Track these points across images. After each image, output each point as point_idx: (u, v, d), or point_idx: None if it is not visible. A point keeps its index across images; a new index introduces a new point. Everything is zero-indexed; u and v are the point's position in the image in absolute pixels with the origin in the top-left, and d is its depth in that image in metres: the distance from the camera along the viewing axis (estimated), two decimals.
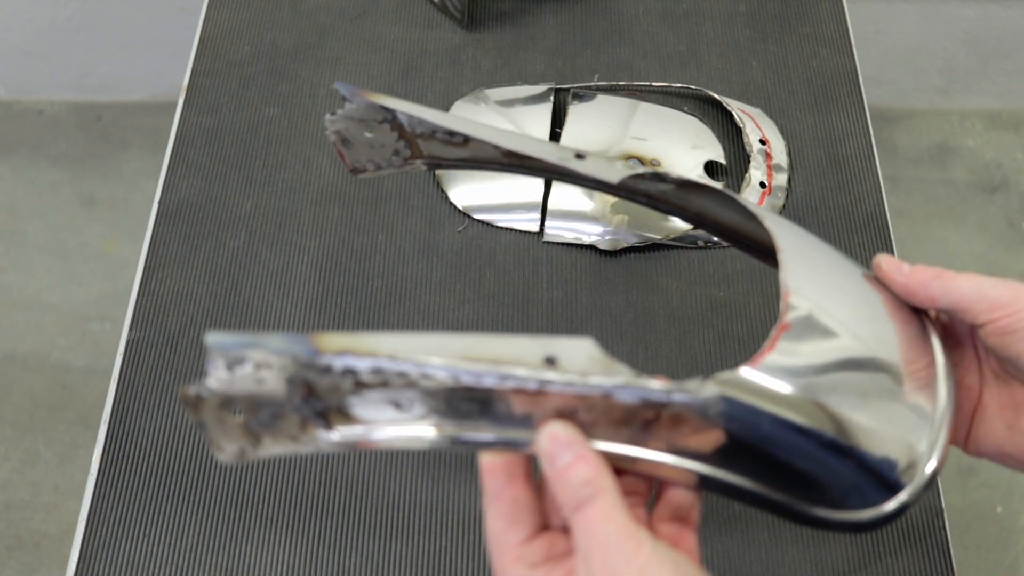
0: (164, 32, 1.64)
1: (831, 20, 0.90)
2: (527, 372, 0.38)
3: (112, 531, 0.65)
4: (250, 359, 0.37)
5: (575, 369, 0.38)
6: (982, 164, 1.72)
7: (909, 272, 0.46)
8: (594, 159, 0.49)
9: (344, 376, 0.38)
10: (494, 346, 0.38)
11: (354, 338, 0.38)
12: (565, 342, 0.39)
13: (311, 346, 0.37)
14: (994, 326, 0.44)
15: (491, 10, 0.91)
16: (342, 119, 0.52)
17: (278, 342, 0.37)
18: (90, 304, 1.56)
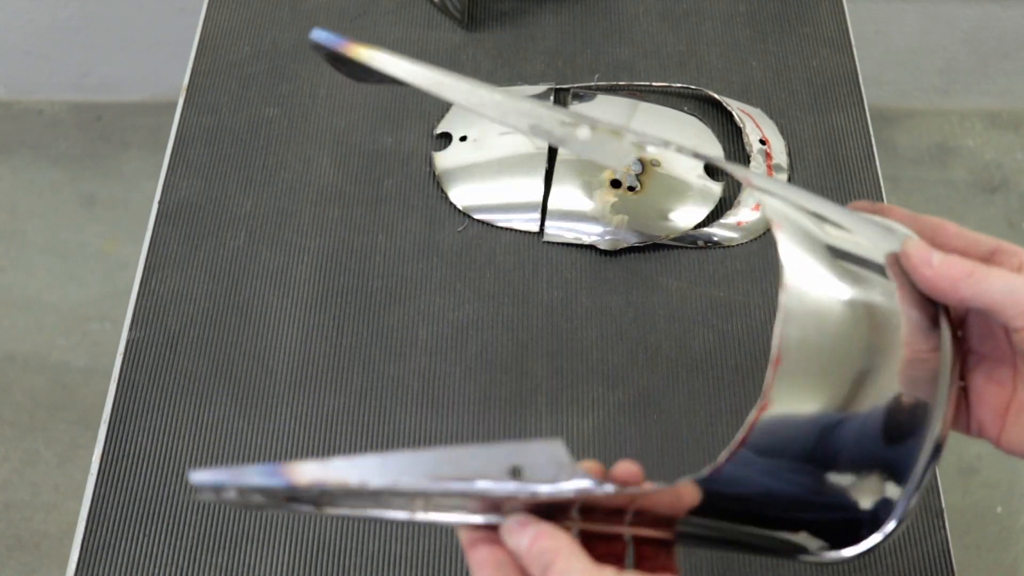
0: (164, 32, 1.64)
1: (831, 20, 0.90)
2: (491, 486, 0.40)
3: (112, 531, 0.65)
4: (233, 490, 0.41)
5: (539, 477, 0.39)
6: (982, 164, 1.72)
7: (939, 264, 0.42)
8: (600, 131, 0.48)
9: (321, 495, 0.41)
10: (460, 461, 0.40)
11: (325, 469, 0.40)
12: (531, 448, 0.39)
13: (286, 479, 0.40)
14: None
15: (491, 10, 0.91)
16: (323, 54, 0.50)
17: (255, 479, 0.40)
18: (90, 304, 1.56)
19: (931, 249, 0.43)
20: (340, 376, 0.71)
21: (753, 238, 0.77)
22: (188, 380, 0.71)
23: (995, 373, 0.45)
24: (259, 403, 0.70)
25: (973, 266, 0.42)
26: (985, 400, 0.45)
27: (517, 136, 0.80)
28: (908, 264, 0.43)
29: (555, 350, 0.72)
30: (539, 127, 0.45)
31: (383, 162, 0.81)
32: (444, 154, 0.81)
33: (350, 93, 0.85)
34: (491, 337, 0.73)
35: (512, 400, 0.70)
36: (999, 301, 0.41)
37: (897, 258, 0.44)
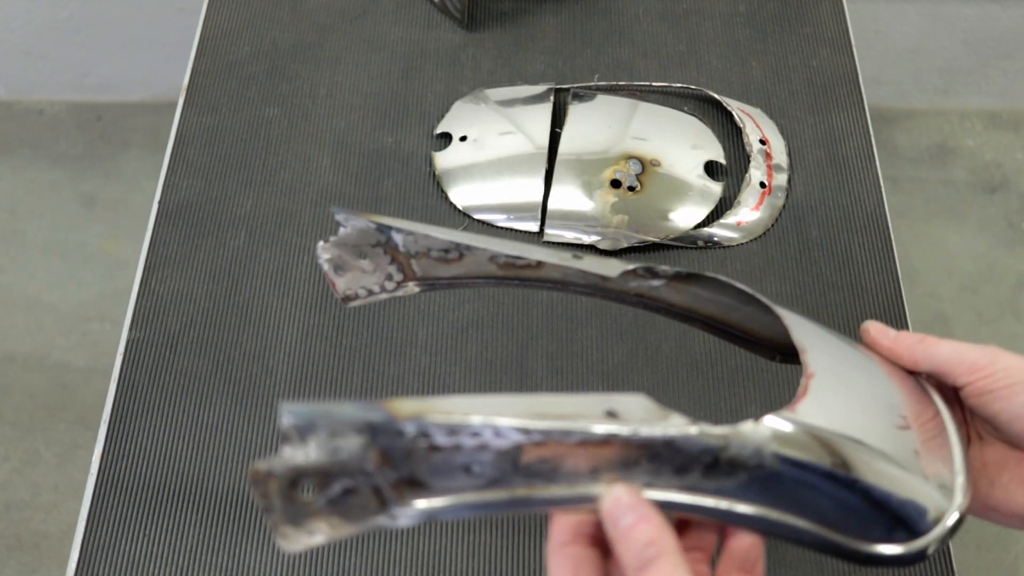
0: (164, 32, 1.64)
1: (831, 20, 0.90)
2: (592, 424, 0.40)
3: (112, 531, 0.65)
4: (324, 428, 0.37)
5: (635, 420, 0.40)
6: (982, 164, 1.72)
7: (895, 337, 0.50)
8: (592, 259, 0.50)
9: (418, 439, 0.38)
10: (558, 404, 0.40)
11: (426, 402, 0.38)
12: (621, 397, 0.41)
13: (385, 412, 0.38)
14: (973, 387, 0.47)
15: (491, 10, 0.91)
16: (334, 247, 0.52)
17: (352, 410, 0.37)
18: (90, 304, 1.56)
19: (887, 327, 0.50)
20: (340, 376, 0.71)
21: (753, 238, 0.77)
22: (188, 380, 0.71)
23: None
24: (259, 403, 0.70)
25: (924, 336, 0.49)
26: None
27: (517, 136, 0.80)
28: (870, 339, 0.51)
29: (555, 350, 0.72)
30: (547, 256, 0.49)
31: (383, 162, 0.81)
32: (444, 154, 0.81)
33: (350, 93, 0.85)
34: (491, 337, 0.72)
35: None
36: (947, 362, 0.48)
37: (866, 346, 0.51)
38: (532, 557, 0.64)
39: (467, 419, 0.38)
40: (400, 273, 0.53)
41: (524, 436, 0.39)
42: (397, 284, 0.54)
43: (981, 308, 1.57)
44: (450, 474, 0.39)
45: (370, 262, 0.52)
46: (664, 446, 0.41)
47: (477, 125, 0.81)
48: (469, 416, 0.38)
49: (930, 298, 1.58)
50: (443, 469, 0.39)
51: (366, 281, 0.54)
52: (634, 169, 0.78)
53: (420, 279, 0.54)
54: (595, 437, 0.40)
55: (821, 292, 0.75)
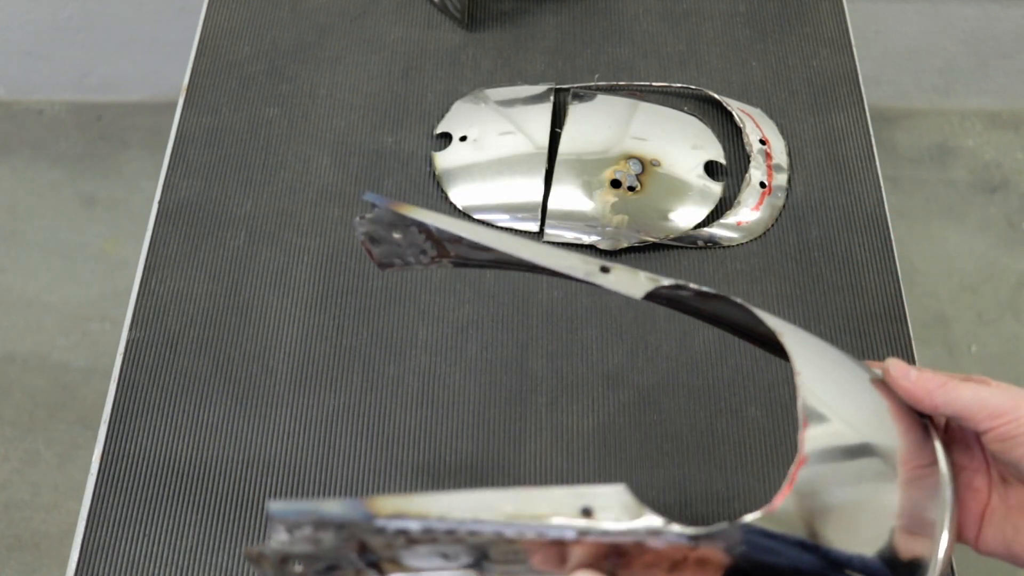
0: (164, 32, 1.64)
1: (831, 20, 0.90)
2: (565, 522, 0.41)
3: (112, 531, 0.65)
4: (308, 525, 0.41)
5: (609, 517, 0.42)
6: (982, 164, 1.72)
7: (916, 379, 0.48)
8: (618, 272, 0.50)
9: (397, 535, 0.41)
10: (535, 501, 0.42)
11: (407, 501, 0.41)
12: (599, 490, 0.42)
13: (367, 511, 0.41)
14: (995, 433, 0.47)
15: (491, 10, 0.91)
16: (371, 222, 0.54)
17: (336, 509, 0.41)
18: (90, 304, 1.56)
19: (909, 367, 0.49)
20: (340, 376, 0.71)
21: (753, 238, 0.77)
22: (188, 380, 0.71)
23: (973, 482, 0.50)
24: (259, 403, 0.70)
25: (946, 378, 0.48)
26: (964, 507, 0.49)
27: (517, 136, 0.80)
28: (890, 378, 0.49)
29: (555, 350, 0.72)
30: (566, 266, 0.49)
31: (383, 162, 0.81)
32: (444, 154, 0.81)
33: (350, 93, 0.85)
34: (491, 337, 0.73)
35: (512, 400, 0.70)
36: (968, 407, 0.47)
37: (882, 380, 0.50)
38: None
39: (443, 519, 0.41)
40: (434, 249, 0.54)
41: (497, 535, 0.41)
42: (432, 259, 0.55)
43: (981, 308, 1.57)
44: (427, 558, 0.43)
45: (405, 237, 0.54)
46: (634, 545, 0.42)
47: (477, 125, 0.82)
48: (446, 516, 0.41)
49: (930, 298, 1.58)
50: (420, 555, 0.42)
51: (401, 253, 0.55)
52: (634, 169, 0.78)
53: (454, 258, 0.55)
54: (567, 535, 0.42)
55: (821, 292, 0.75)
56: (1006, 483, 0.49)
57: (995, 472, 0.50)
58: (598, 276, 0.49)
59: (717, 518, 0.65)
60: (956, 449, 0.50)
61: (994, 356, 1.53)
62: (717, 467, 0.67)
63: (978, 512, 0.49)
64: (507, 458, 0.68)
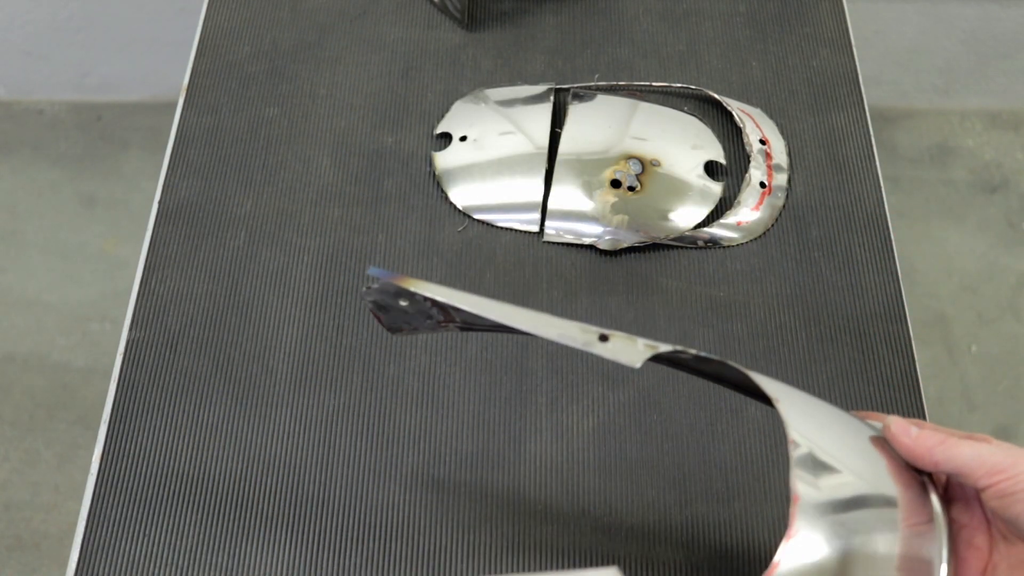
0: (164, 32, 1.64)
1: (831, 20, 0.90)
2: None
3: (112, 531, 0.65)
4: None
5: None
6: (982, 164, 1.72)
7: (916, 436, 0.49)
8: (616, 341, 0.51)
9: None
10: None
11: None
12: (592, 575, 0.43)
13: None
14: (994, 489, 0.47)
15: (491, 10, 0.91)
16: (376, 293, 0.56)
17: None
18: (90, 304, 1.56)
19: (910, 424, 0.50)
20: (340, 376, 0.71)
21: (753, 238, 0.77)
22: (188, 380, 0.71)
23: (974, 540, 0.50)
24: (259, 403, 0.70)
25: (946, 436, 0.49)
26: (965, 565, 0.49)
27: (517, 136, 0.80)
28: (890, 435, 0.50)
29: (555, 350, 0.72)
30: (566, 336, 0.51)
31: (383, 162, 0.81)
32: (444, 154, 0.81)
33: (350, 93, 0.85)
34: (491, 337, 0.72)
35: (512, 400, 0.70)
36: (967, 464, 0.47)
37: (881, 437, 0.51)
38: (531, 557, 0.64)
39: None
40: (440, 315, 0.56)
41: None
42: (438, 323, 0.58)
43: (981, 308, 1.57)
44: None
45: (411, 305, 0.56)
46: None
47: (477, 125, 0.82)
48: None
49: (930, 298, 1.58)
50: None
51: (408, 320, 0.58)
52: (634, 169, 0.78)
53: (459, 323, 0.57)
54: None
55: (821, 292, 0.75)
56: (1007, 541, 0.49)
57: (996, 530, 0.50)
58: (596, 346, 0.51)
59: (717, 518, 0.65)
60: (957, 507, 0.51)
61: (994, 356, 1.53)
62: (717, 467, 0.67)
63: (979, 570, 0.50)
64: (507, 458, 0.68)
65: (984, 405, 1.49)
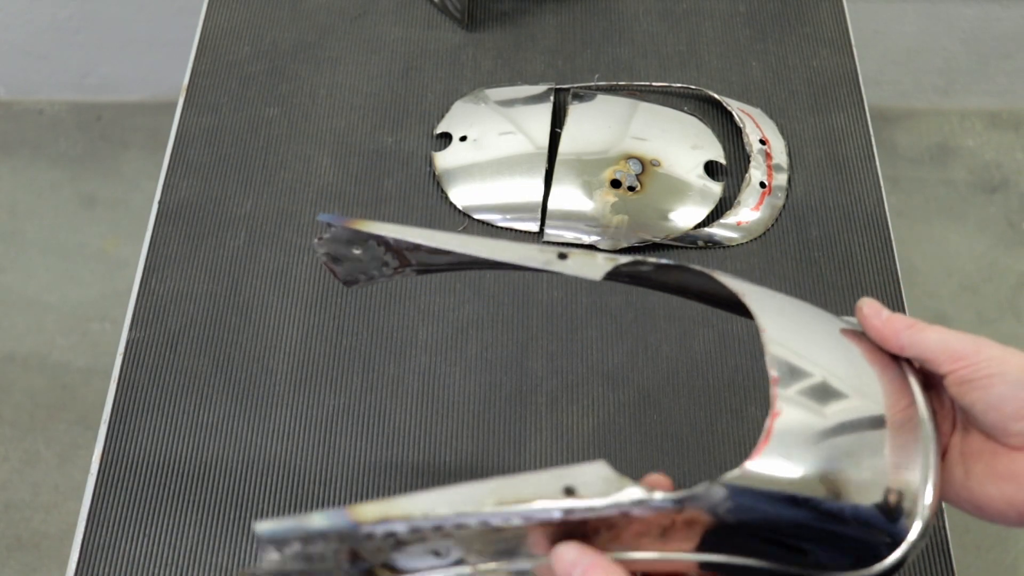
0: (164, 32, 1.64)
1: (831, 20, 0.90)
2: (550, 504, 0.42)
3: (112, 531, 0.65)
4: (297, 541, 0.41)
5: (591, 493, 0.42)
6: (982, 164, 1.72)
7: (887, 319, 0.49)
8: (576, 258, 0.51)
9: (385, 539, 0.41)
10: (517, 487, 0.42)
11: (389, 505, 0.41)
12: (579, 470, 0.43)
13: (351, 520, 0.41)
14: (954, 375, 0.47)
15: (491, 10, 0.91)
16: (329, 242, 0.54)
17: (321, 522, 0.41)
18: (90, 304, 1.56)
19: (882, 307, 0.50)
20: (340, 376, 0.71)
21: (753, 238, 0.77)
22: (188, 380, 0.71)
23: (942, 426, 0.50)
24: (259, 403, 0.70)
25: (914, 321, 0.49)
26: None
27: (517, 136, 0.80)
28: (861, 316, 0.50)
29: (555, 350, 0.72)
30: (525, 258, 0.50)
31: (383, 162, 0.81)
32: (444, 154, 0.81)
33: (350, 93, 0.85)
34: (491, 337, 0.73)
35: (512, 400, 0.70)
36: (932, 349, 0.48)
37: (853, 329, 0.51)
38: None
39: (428, 517, 0.41)
40: (395, 260, 0.55)
41: (484, 525, 0.42)
42: (394, 270, 0.56)
43: (981, 308, 1.57)
44: (420, 558, 0.43)
45: (365, 252, 0.55)
46: (621, 516, 0.43)
47: (477, 125, 0.82)
48: (430, 513, 0.41)
49: (930, 298, 1.58)
50: (412, 555, 0.43)
51: (364, 268, 0.56)
52: (634, 169, 0.78)
53: (416, 266, 0.55)
54: (553, 516, 0.42)
55: (821, 292, 0.75)
56: (964, 430, 0.50)
57: (959, 418, 0.50)
58: (556, 263, 0.50)
59: None
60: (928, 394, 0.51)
61: None
62: (717, 467, 0.67)
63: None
64: (507, 458, 0.68)
65: None
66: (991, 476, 0.47)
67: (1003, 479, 0.46)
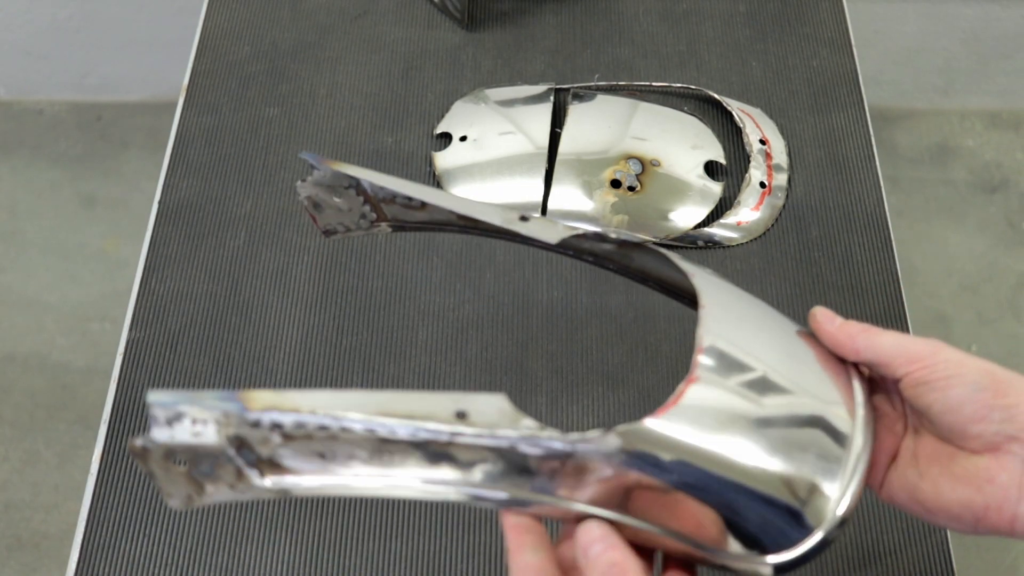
0: (164, 32, 1.64)
1: (831, 20, 0.90)
2: (437, 425, 0.42)
3: (112, 531, 0.65)
4: (187, 414, 0.41)
5: (484, 422, 0.42)
6: (982, 164, 1.72)
7: (840, 325, 0.50)
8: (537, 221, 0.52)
9: (272, 430, 0.42)
10: (409, 402, 0.42)
11: (279, 395, 0.42)
12: (477, 397, 0.42)
13: (240, 403, 0.41)
14: (911, 377, 0.47)
15: (491, 10, 0.91)
16: (311, 185, 0.56)
17: (211, 399, 0.41)
18: (90, 304, 1.56)
19: (835, 315, 0.50)
20: (340, 376, 0.71)
21: (753, 238, 0.77)
22: (188, 380, 0.71)
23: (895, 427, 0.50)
24: None
25: (867, 326, 0.49)
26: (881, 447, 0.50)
27: (517, 136, 0.80)
28: (815, 323, 0.51)
29: (555, 350, 0.72)
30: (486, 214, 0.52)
31: (383, 162, 0.81)
32: (444, 154, 0.81)
33: (350, 93, 0.85)
34: (491, 337, 0.73)
35: (512, 400, 0.70)
36: (888, 352, 0.48)
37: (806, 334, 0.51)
38: None
39: (314, 413, 0.41)
40: (373, 213, 0.57)
41: (368, 432, 0.42)
42: (371, 223, 0.57)
43: (981, 308, 1.57)
44: (305, 458, 0.43)
45: (345, 201, 0.56)
46: (509, 449, 0.42)
47: (477, 125, 0.82)
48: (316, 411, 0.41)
49: (930, 298, 1.58)
50: (297, 454, 0.43)
51: (343, 218, 0.58)
52: (634, 169, 0.78)
53: (391, 221, 0.57)
54: (440, 437, 0.42)
55: (821, 292, 0.75)
56: (916, 433, 0.49)
57: (911, 422, 0.50)
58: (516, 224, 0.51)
59: None
60: (879, 397, 0.51)
61: (994, 356, 1.53)
62: None
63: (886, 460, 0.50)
64: None
65: None
66: (947, 479, 0.47)
67: (960, 481, 0.46)
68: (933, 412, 0.47)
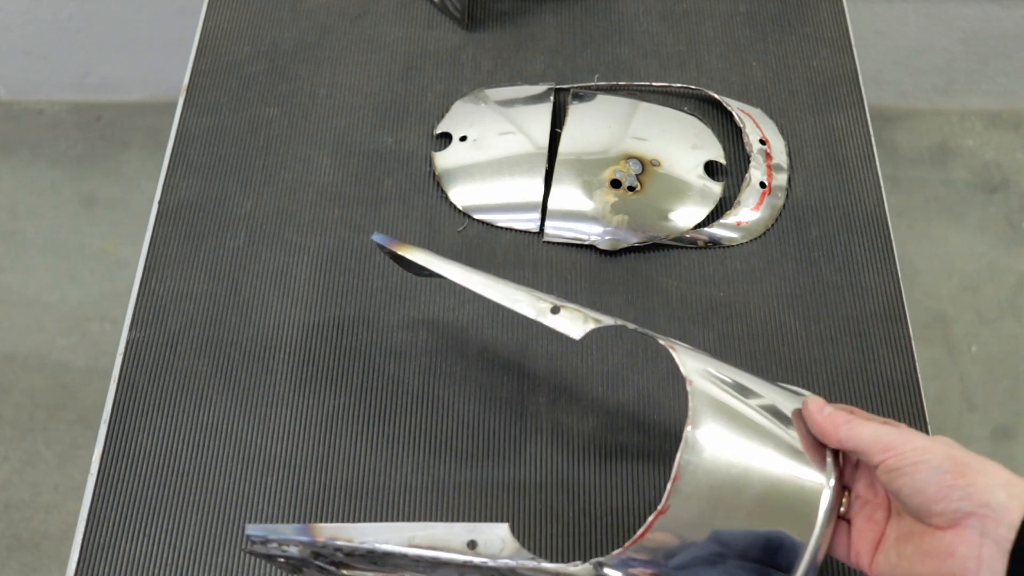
0: (164, 32, 1.64)
1: (831, 20, 0.90)
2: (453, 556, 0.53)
3: (112, 531, 0.65)
4: (274, 542, 0.55)
5: (489, 552, 0.52)
6: (982, 164, 1.72)
7: (827, 415, 0.54)
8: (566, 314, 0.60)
9: (334, 551, 0.55)
10: (431, 533, 0.53)
11: (338, 528, 0.54)
12: (485, 528, 0.53)
13: (310, 535, 0.54)
14: (885, 464, 0.52)
15: (491, 10, 0.91)
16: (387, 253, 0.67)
17: (289, 532, 0.54)
18: (90, 304, 1.56)
19: (825, 404, 0.55)
20: (340, 376, 0.71)
21: (753, 238, 0.77)
22: (188, 380, 0.71)
23: (875, 515, 0.55)
24: (259, 403, 0.70)
25: (851, 417, 0.54)
26: (863, 535, 0.55)
27: (517, 136, 0.80)
28: (806, 412, 0.55)
29: (555, 350, 0.72)
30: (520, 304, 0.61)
31: (383, 162, 0.81)
32: (444, 154, 0.81)
33: (350, 93, 0.85)
34: (491, 337, 0.73)
35: (512, 400, 0.70)
36: (866, 442, 0.53)
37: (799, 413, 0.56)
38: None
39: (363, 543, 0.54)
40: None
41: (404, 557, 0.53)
42: None
43: (981, 308, 1.57)
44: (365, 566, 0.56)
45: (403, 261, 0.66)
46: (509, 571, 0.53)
47: (477, 125, 0.82)
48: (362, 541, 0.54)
49: (930, 298, 1.58)
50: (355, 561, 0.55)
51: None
52: (634, 169, 0.78)
53: None
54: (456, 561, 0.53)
55: (821, 292, 0.75)
56: (898, 515, 0.54)
57: (893, 506, 0.54)
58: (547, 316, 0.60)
59: None
60: (862, 484, 0.56)
61: (994, 356, 1.53)
62: None
63: (874, 541, 0.54)
64: (507, 458, 0.68)
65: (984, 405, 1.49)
66: (919, 555, 0.51)
67: (928, 556, 0.50)
68: (903, 495, 0.51)
